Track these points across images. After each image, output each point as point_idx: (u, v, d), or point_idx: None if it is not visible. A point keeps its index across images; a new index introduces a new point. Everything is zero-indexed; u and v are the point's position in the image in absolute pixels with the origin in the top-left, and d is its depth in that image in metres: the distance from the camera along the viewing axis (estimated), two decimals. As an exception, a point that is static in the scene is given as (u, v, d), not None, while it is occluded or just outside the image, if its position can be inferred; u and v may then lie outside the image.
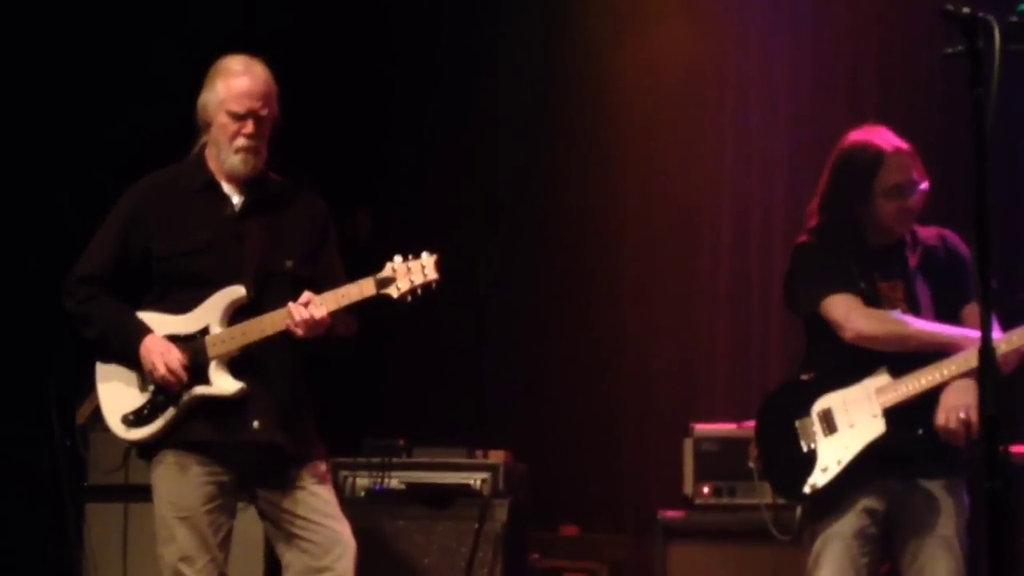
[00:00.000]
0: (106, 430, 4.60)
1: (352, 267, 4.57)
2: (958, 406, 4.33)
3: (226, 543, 4.50)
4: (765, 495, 4.97)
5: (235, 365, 4.44)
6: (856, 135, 4.58)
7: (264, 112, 4.48)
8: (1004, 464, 3.14)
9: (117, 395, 4.50)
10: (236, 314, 4.44)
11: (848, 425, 4.43)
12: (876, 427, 4.40)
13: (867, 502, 4.42)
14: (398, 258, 4.36)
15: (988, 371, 3.07)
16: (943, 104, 6.66)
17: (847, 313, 4.45)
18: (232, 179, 4.53)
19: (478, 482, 6.18)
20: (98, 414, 4.63)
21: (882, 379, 4.44)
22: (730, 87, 7.51)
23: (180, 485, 4.44)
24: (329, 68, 7.45)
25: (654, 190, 7.55)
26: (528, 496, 6.39)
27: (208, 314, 4.44)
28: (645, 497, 6.96)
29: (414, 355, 7.45)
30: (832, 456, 4.42)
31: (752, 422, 4.76)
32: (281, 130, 4.58)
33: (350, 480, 6.22)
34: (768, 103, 7.44)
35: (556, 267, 7.62)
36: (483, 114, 7.61)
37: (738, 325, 7.39)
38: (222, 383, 4.42)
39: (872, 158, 4.48)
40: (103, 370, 4.55)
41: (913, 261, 4.56)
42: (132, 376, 4.49)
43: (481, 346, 7.56)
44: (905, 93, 7.01)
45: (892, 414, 4.40)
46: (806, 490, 4.45)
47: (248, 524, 4.85)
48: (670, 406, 7.18)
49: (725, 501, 5.96)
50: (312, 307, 4.33)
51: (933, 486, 4.44)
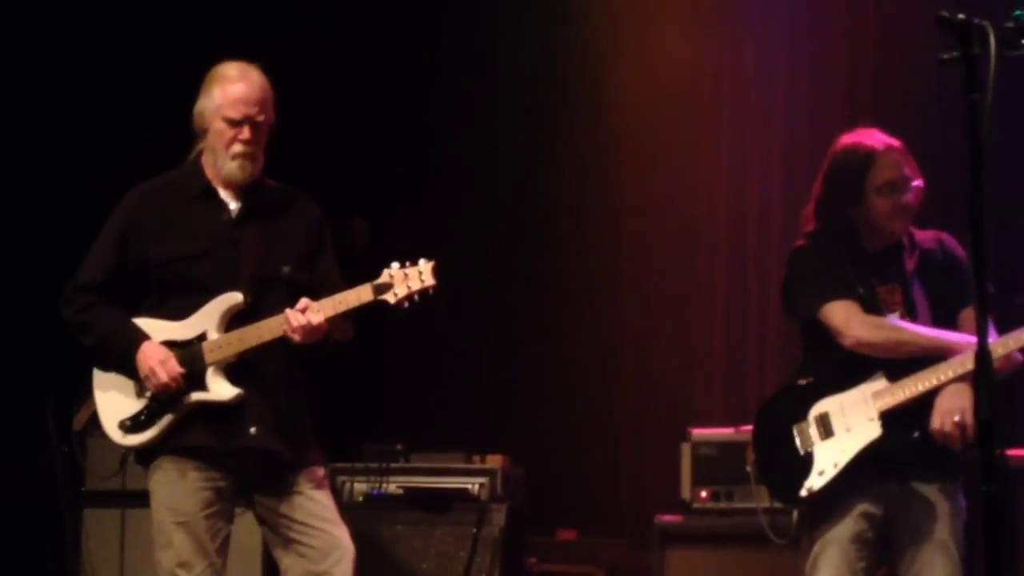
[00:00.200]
0: (103, 436, 4.58)
1: (349, 273, 4.56)
2: (953, 409, 4.33)
3: (224, 549, 4.48)
4: (762, 499, 4.96)
5: (232, 371, 4.43)
6: (847, 138, 4.59)
7: (260, 118, 4.47)
8: (1000, 468, 3.14)
9: (114, 401, 4.49)
10: (233, 320, 4.44)
11: (845, 429, 4.43)
12: (872, 431, 4.40)
13: (864, 506, 4.42)
14: (395, 264, 4.36)
15: (984, 375, 3.07)
16: (939, 108, 6.67)
17: (846, 320, 4.45)
18: (229, 185, 4.52)
19: (476, 486, 6.19)
20: (95, 420, 4.62)
21: (879, 383, 4.43)
22: (726, 92, 7.53)
23: (178, 490, 4.43)
24: (327, 75, 7.46)
25: (652, 195, 7.56)
26: (526, 500, 6.39)
27: (205, 320, 4.44)
28: (642, 501, 6.97)
29: (412, 360, 7.46)
30: (829, 460, 4.42)
31: (750, 426, 4.76)
32: (278, 136, 4.57)
33: (348, 485, 6.23)
34: (764, 108, 7.45)
35: (553, 272, 7.63)
36: (480, 120, 7.62)
37: (735, 330, 7.40)
38: (219, 389, 4.41)
39: (863, 157, 4.49)
40: (100, 376, 4.54)
41: (910, 265, 4.55)
42: (129, 382, 4.48)
43: (479, 351, 7.57)
44: (901, 97, 7.02)
45: (888, 418, 4.40)
46: (803, 494, 4.44)
47: (246, 529, 4.85)
48: (667, 410, 7.18)
49: (722, 505, 5.96)
50: (309, 313, 4.33)
51: (930, 490, 4.44)
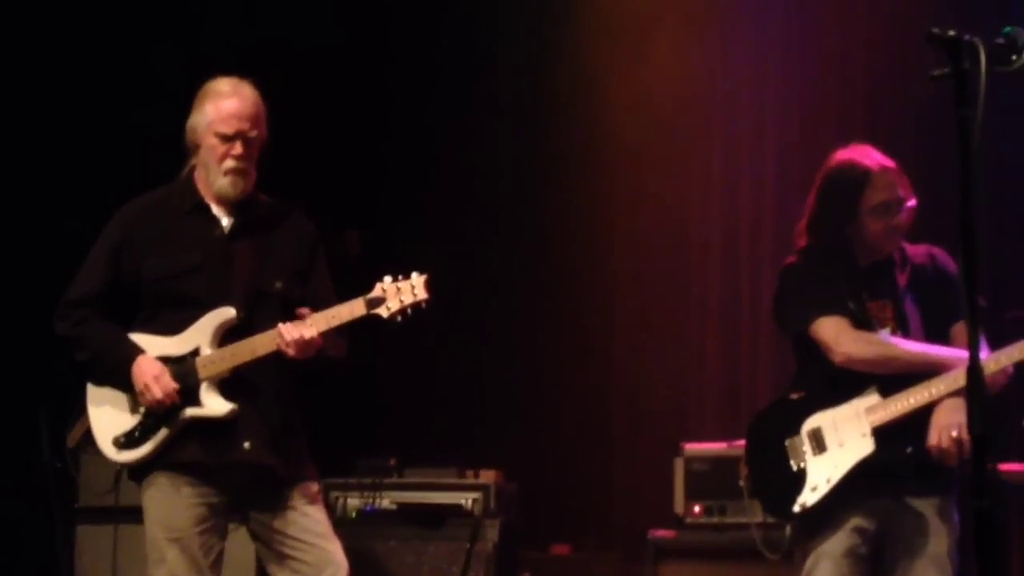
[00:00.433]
0: (97, 452, 4.58)
1: (343, 285, 4.57)
2: (950, 425, 4.32)
3: (217, 565, 4.48)
4: (755, 514, 4.97)
5: (226, 386, 4.43)
6: (842, 154, 4.58)
7: (253, 134, 4.48)
8: (993, 482, 3.15)
9: (108, 417, 4.49)
10: (226, 335, 4.43)
11: (838, 444, 4.43)
12: (865, 446, 4.40)
13: (857, 521, 4.41)
14: (388, 278, 4.36)
15: (976, 390, 3.08)
16: (931, 122, 6.68)
17: (836, 336, 4.45)
18: (221, 201, 4.52)
19: (469, 502, 6.20)
20: (89, 436, 4.60)
21: (871, 398, 4.43)
22: (719, 105, 7.55)
23: (171, 506, 4.42)
24: (323, 86, 7.47)
25: (645, 210, 7.58)
26: (519, 516, 6.40)
27: (198, 335, 4.44)
28: (636, 516, 6.96)
29: (405, 375, 7.45)
30: (822, 475, 4.41)
31: (743, 441, 4.76)
32: (273, 146, 4.58)
33: (341, 500, 6.23)
34: (757, 121, 7.47)
35: (546, 286, 7.63)
36: (476, 132, 7.63)
37: (728, 344, 7.41)
38: (213, 404, 4.41)
39: (858, 177, 4.48)
40: (94, 392, 4.54)
41: (902, 280, 4.55)
42: (123, 398, 4.47)
43: (472, 366, 7.57)
44: (893, 112, 7.04)
45: (881, 433, 4.39)
46: (796, 509, 4.44)
47: (239, 545, 4.84)
48: (661, 425, 7.18)
49: (716, 520, 5.97)
50: (303, 327, 4.33)
51: (923, 505, 4.44)
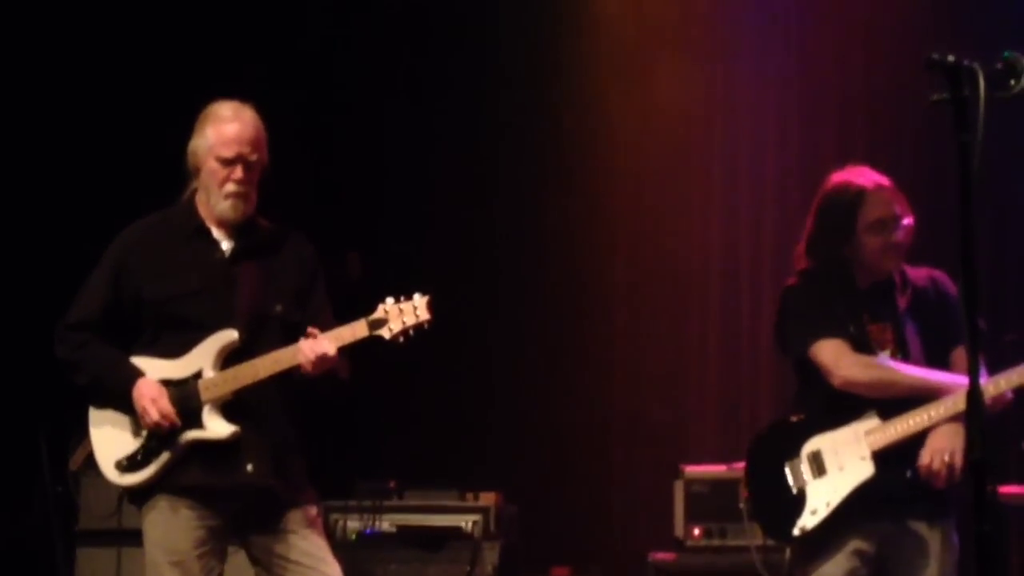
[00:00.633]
0: (98, 475, 4.58)
1: (343, 307, 4.57)
2: (944, 449, 4.34)
3: (217, 587, 4.49)
4: (756, 537, 4.97)
5: (228, 409, 4.43)
6: (838, 176, 4.61)
7: (253, 157, 4.48)
8: (993, 506, 3.15)
9: (110, 441, 4.49)
10: (228, 358, 4.44)
11: (837, 468, 4.43)
12: (865, 470, 4.41)
13: (857, 544, 4.42)
14: (390, 299, 4.36)
15: (975, 415, 3.08)
16: (930, 144, 6.70)
17: (836, 359, 4.46)
18: (222, 224, 4.52)
19: (469, 524, 6.19)
20: (91, 460, 4.61)
21: (871, 422, 4.44)
22: (718, 130, 7.57)
23: (171, 529, 4.42)
24: (320, 112, 7.48)
25: (645, 235, 7.60)
26: (519, 538, 6.40)
27: (201, 358, 4.44)
28: (636, 538, 6.96)
29: (405, 397, 7.45)
30: (822, 498, 4.42)
31: (742, 464, 4.76)
32: (272, 169, 4.59)
33: (341, 523, 6.23)
34: (757, 145, 7.49)
35: (546, 306, 7.64)
36: (476, 157, 7.64)
37: (728, 367, 7.42)
38: (215, 427, 4.41)
39: (853, 196, 4.51)
40: (96, 416, 4.53)
41: (903, 303, 4.56)
42: (125, 421, 4.47)
43: (472, 388, 7.56)
44: (892, 135, 7.06)
45: (881, 457, 4.40)
46: (796, 532, 4.45)
47: (239, 568, 4.84)
48: (660, 448, 7.18)
49: (716, 543, 5.97)
50: (323, 343, 4.33)
51: (923, 527, 4.44)
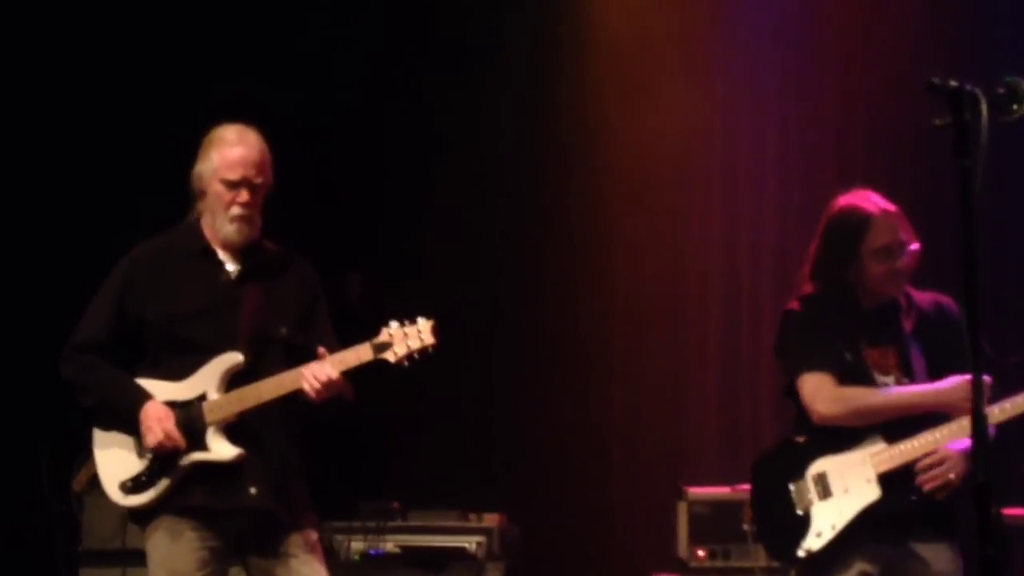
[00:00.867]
0: (102, 495, 4.59)
1: (345, 328, 4.58)
2: (952, 456, 4.34)
3: (218, 609, 4.50)
4: (759, 558, 4.97)
5: (232, 431, 4.44)
6: (843, 200, 4.60)
7: (258, 180, 4.50)
8: (997, 528, 3.16)
9: (115, 462, 4.49)
10: (233, 380, 4.45)
11: (843, 490, 4.43)
12: (871, 493, 4.41)
13: (862, 567, 4.42)
14: (394, 323, 4.37)
15: (980, 439, 3.09)
16: (931, 168, 6.72)
17: (813, 396, 4.47)
18: (227, 247, 4.54)
19: (473, 545, 6.19)
20: (95, 481, 4.62)
21: (877, 444, 4.44)
22: (718, 153, 7.59)
23: (174, 550, 4.42)
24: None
25: (645, 254, 7.60)
26: (522, 559, 6.39)
27: (205, 380, 4.45)
28: (639, 560, 6.95)
29: (408, 418, 7.45)
30: (827, 521, 4.42)
31: (745, 485, 4.77)
32: (273, 193, 4.60)
33: (345, 544, 6.22)
34: (756, 167, 7.51)
35: (547, 328, 7.64)
36: (477, 176, 7.65)
37: (729, 387, 7.42)
38: (220, 449, 4.42)
39: (859, 221, 4.50)
40: (100, 437, 4.54)
41: (908, 326, 4.56)
42: (130, 442, 4.48)
43: (474, 410, 7.56)
44: (892, 157, 7.07)
45: (887, 479, 4.40)
46: (800, 554, 4.44)
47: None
48: (663, 469, 7.18)
49: (719, 564, 5.97)
50: (327, 367, 4.34)
51: (928, 550, 4.44)
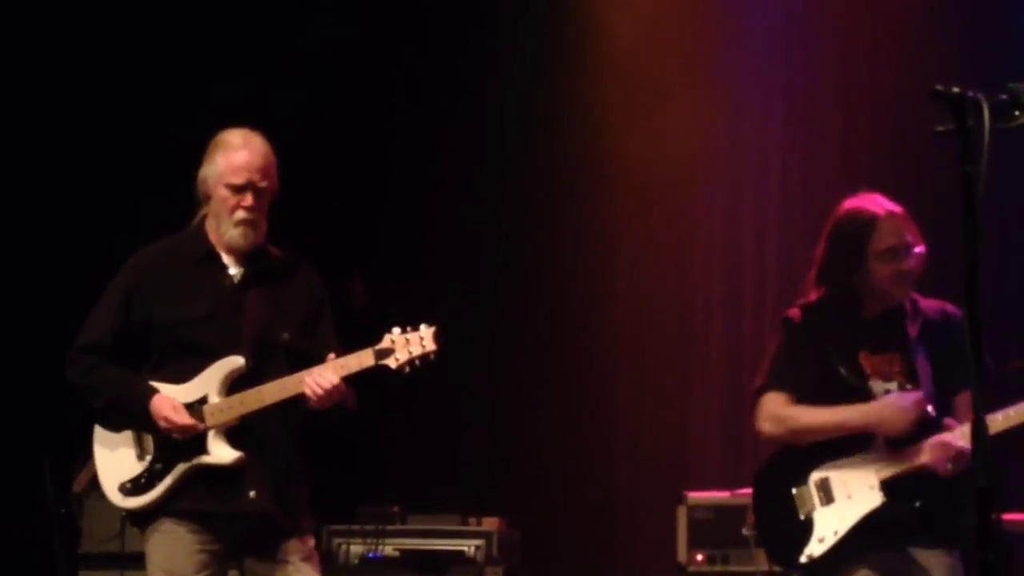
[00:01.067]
0: (102, 498, 4.59)
1: (348, 334, 4.59)
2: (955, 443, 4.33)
3: (217, 611, 4.50)
4: (760, 563, 4.96)
5: (232, 435, 4.44)
6: (849, 203, 4.60)
7: (263, 184, 4.51)
8: (998, 534, 3.16)
9: (115, 463, 4.50)
10: (234, 384, 4.45)
11: (846, 496, 4.43)
12: (874, 499, 4.41)
13: (864, 573, 4.41)
14: (396, 329, 4.38)
15: (981, 445, 3.10)
16: (935, 176, 6.72)
17: (760, 415, 4.55)
18: (232, 251, 4.55)
19: (472, 549, 6.19)
20: (95, 483, 4.63)
21: (879, 451, 4.43)
22: (723, 157, 7.60)
23: (174, 553, 4.43)
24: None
25: (649, 260, 7.61)
26: (521, 563, 6.39)
27: (207, 384, 4.45)
28: (638, 564, 6.96)
29: (408, 422, 7.46)
30: (829, 527, 4.42)
31: (746, 490, 4.77)
32: (278, 198, 4.61)
33: (345, 547, 6.22)
34: (760, 176, 7.52)
35: (550, 334, 7.65)
36: (480, 184, 7.66)
37: (731, 392, 7.41)
38: (220, 452, 4.42)
39: (865, 223, 4.49)
40: (101, 438, 4.55)
41: (913, 331, 4.54)
42: (130, 444, 4.49)
43: (475, 414, 7.57)
44: (897, 165, 7.08)
45: (889, 486, 4.40)
46: (803, 560, 4.44)
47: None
48: (663, 474, 7.19)
49: (719, 569, 5.97)
50: (328, 373, 4.35)
51: (929, 557, 4.44)
